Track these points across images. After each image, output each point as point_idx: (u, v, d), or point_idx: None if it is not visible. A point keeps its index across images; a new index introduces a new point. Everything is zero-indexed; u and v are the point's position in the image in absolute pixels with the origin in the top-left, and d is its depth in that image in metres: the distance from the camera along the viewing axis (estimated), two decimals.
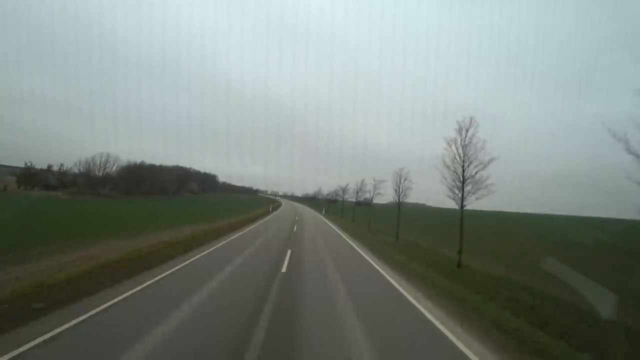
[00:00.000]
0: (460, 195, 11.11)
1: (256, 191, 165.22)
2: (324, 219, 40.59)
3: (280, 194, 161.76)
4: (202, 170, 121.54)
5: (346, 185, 49.38)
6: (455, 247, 13.31)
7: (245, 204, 65.93)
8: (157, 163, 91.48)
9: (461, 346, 4.95)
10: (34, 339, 4.17)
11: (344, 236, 22.00)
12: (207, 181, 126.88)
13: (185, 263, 9.89)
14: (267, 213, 42.41)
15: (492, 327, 5.87)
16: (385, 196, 33.37)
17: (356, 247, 16.34)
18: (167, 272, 8.49)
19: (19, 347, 3.94)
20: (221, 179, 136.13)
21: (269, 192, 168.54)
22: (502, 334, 5.57)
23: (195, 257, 10.87)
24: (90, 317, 5.04)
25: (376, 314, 6.44)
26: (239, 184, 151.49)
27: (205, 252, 12.06)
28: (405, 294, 8.01)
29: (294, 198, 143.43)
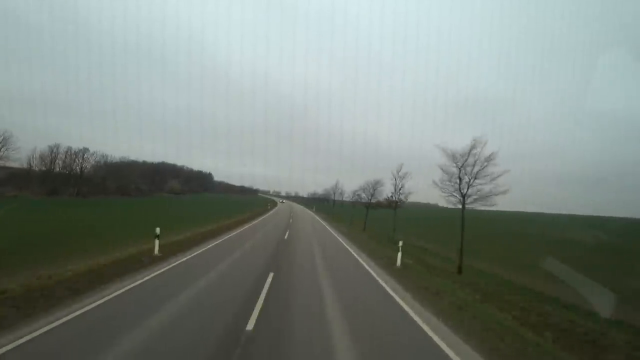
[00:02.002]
0: None
1: (256, 191, 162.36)
2: None
3: (283, 194, 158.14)
4: (197, 168, 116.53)
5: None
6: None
7: (215, 210, 42.79)
8: (142, 159, 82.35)
9: None
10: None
11: None
12: (198, 180, 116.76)
13: None
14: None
15: None
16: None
17: None
18: None
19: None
20: (220, 178, 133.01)
21: (271, 192, 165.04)
22: None
23: None
24: None
25: None
26: (238, 183, 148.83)
27: None
28: None
29: (297, 199, 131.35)
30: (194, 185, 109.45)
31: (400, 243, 11.74)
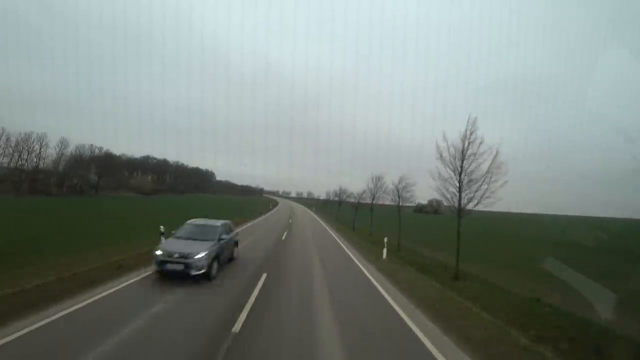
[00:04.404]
0: None
1: (261, 191, 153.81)
2: None
3: (293, 194, 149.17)
4: (202, 167, 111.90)
5: None
6: None
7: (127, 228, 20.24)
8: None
9: None
10: None
11: None
12: (197, 178, 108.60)
13: None
14: None
15: None
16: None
17: None
18: None
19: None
20: (226, 177, 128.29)
21: (280, 193, 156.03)
22: None
23: None
24: None
25: None
26: (247, 183, 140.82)
27: None
28: None
29: (314, 202, 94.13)
30: (178, 184, 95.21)
31: None
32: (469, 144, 12.23)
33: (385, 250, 13.81)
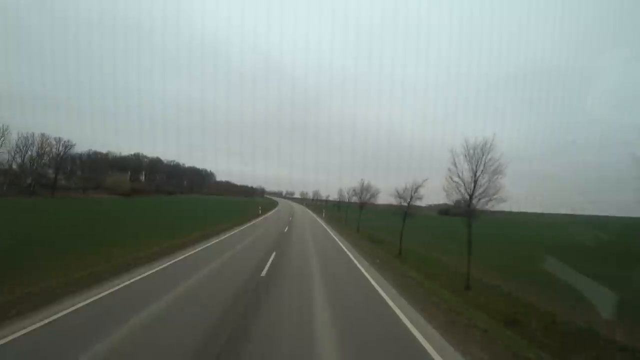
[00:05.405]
0: None
1: (262, 191, 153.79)
2: None
3: (297, 195, 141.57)
4: (208, 168, 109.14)
5: None
6: None
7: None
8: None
9: None
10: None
11: None
12: (197, 177, 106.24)
13: None
14: None
15: None
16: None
17: None
18: None
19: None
20: (230, 178, 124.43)
21: (283, 193, 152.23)
22: None
23: None
24: None
25: None
26: (247, 183, 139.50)
27: None
28: None
29: (322, 204, 79.20)
30: (168, 184, 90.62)
31: None
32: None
33: None
